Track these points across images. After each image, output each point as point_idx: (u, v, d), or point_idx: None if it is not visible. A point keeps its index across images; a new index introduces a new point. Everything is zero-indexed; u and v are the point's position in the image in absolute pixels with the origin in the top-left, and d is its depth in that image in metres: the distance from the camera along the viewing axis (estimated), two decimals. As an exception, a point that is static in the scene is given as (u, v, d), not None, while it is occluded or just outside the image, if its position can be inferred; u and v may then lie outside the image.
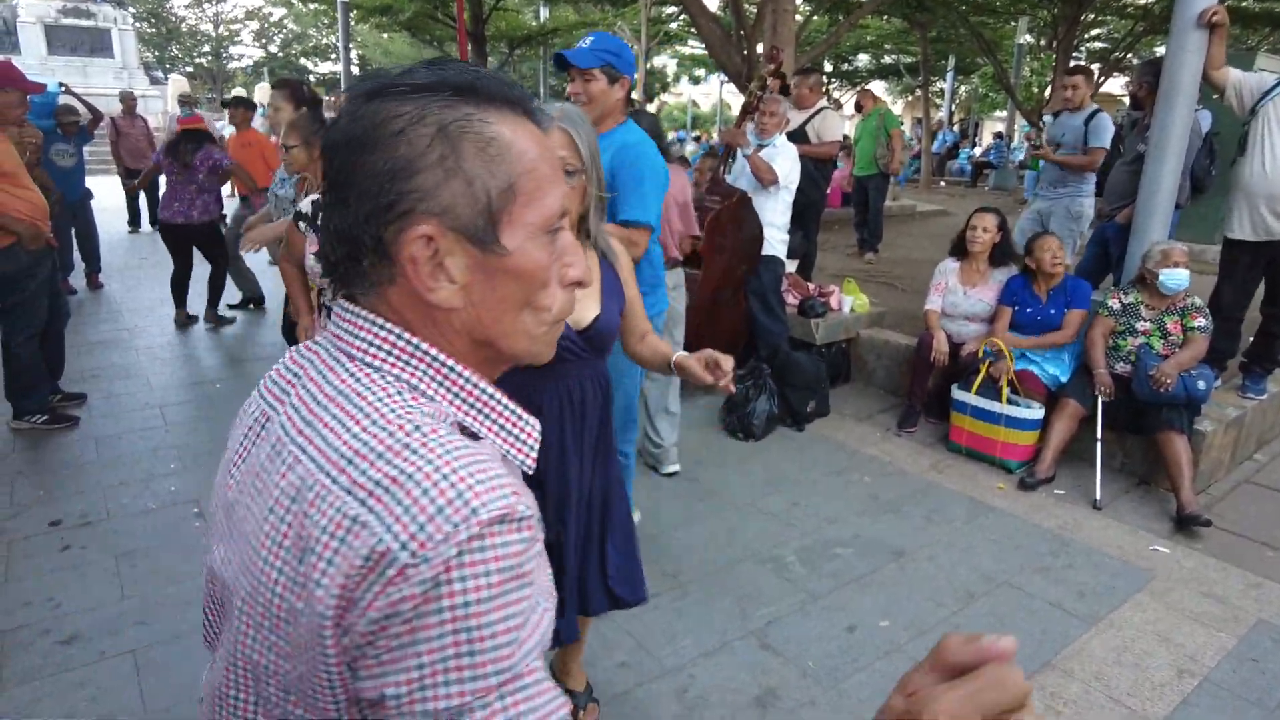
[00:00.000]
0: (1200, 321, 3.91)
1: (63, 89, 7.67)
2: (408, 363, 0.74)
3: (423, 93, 0.70)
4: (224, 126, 14.42)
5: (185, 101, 12.85)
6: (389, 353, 0.74)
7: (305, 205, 2.85)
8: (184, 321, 6.28)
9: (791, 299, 5.27)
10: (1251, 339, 4.52)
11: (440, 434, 0.68)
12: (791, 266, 5.50)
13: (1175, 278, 3.92)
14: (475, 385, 0.77)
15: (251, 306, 6.87)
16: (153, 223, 9.81)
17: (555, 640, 1.99)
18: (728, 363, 1.82)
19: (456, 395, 0.76)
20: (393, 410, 0.69)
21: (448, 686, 0.61)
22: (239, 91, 18.79)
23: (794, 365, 4.62)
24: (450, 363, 0.75)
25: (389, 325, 0.74)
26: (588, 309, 1.84)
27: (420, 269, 0.71)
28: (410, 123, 0.69)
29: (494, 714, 0.62)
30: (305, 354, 0.80)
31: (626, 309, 1.97)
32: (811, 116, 6.21)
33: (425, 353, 0.74)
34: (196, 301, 6.36)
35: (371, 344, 0.74)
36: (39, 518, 3.42)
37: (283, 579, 0.67)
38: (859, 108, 8.75)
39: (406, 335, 0.74)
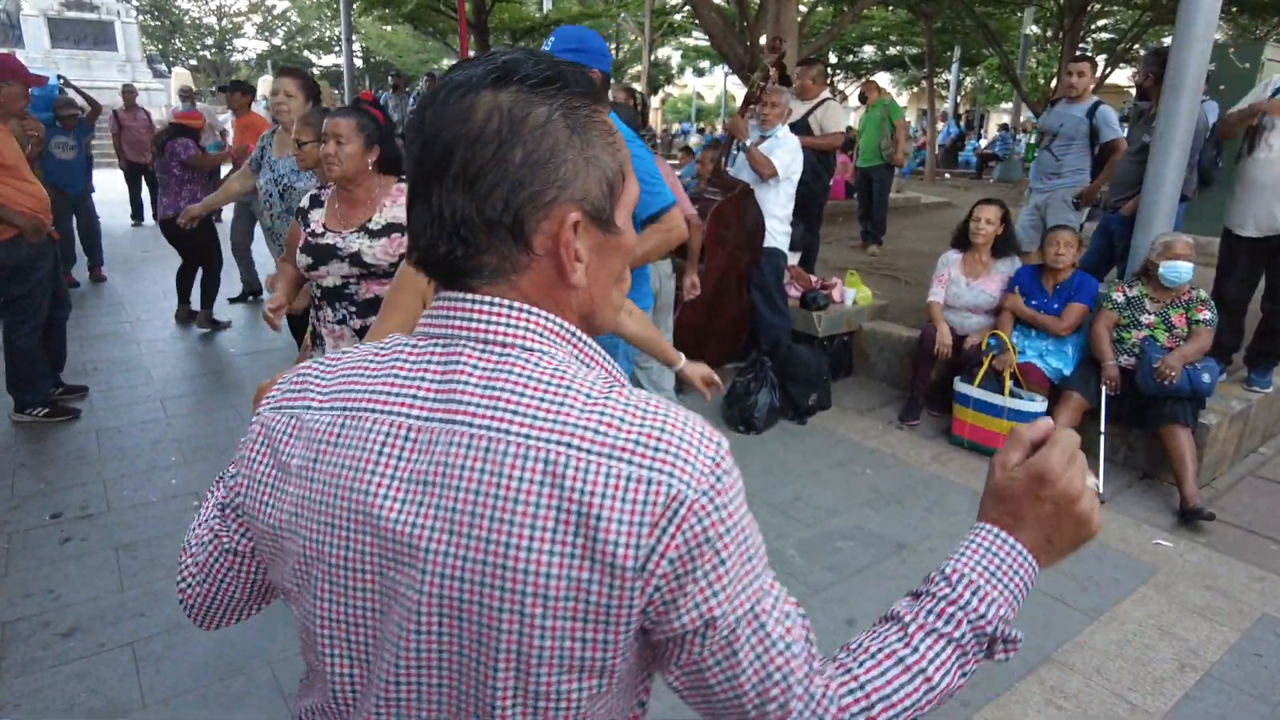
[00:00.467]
0: (1205, 315, 3.89)
1: (61, 81, 7.66)
2: (557, 343, 0.76)
3: (546, 86, 0.73)
4: (226, 119, 14.41)
5: (186, 96, 12.79)
6: (541, 334, 0.75)
7: (304, 200, 2.81)
8: (184, 317, 6.23)
9: (793, 291, 5.25)
10: (1255, 332, 4.49)
11: (641, 394, 0.74)
12: (794, 259, 5.48)
13: (1175, 270, 3.89)
14: (606, 359, 0.81)
15: (250, 298, 6.85)
16: (154, 216, 9.81)
17: None
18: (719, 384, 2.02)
19: (602, 368, 0.79)
20: (592, 382, 0.72)
21: (748, 589, 0.72)
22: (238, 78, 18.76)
23: (796, 358, 4.61)
24: (588, 340, 0.79)
25: (535, 310, 0.75)
26: None
27: (569, 252, 0.74)
28: (550, 116, 0.72)
29: (776, 597, 0.75)
30: (409, 357, 0.76)
31: None
32: (814, 107, 6.17)
33: (571, 332, 0.78)
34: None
35: (521, 328, 0.75)
36: (40, 510, 3.43)
37: (556, 559, 0.67)
38: (863, 99, 8.70)
39: (553, 317, 0.76)
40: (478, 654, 0.71)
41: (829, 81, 9.19)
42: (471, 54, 13.46)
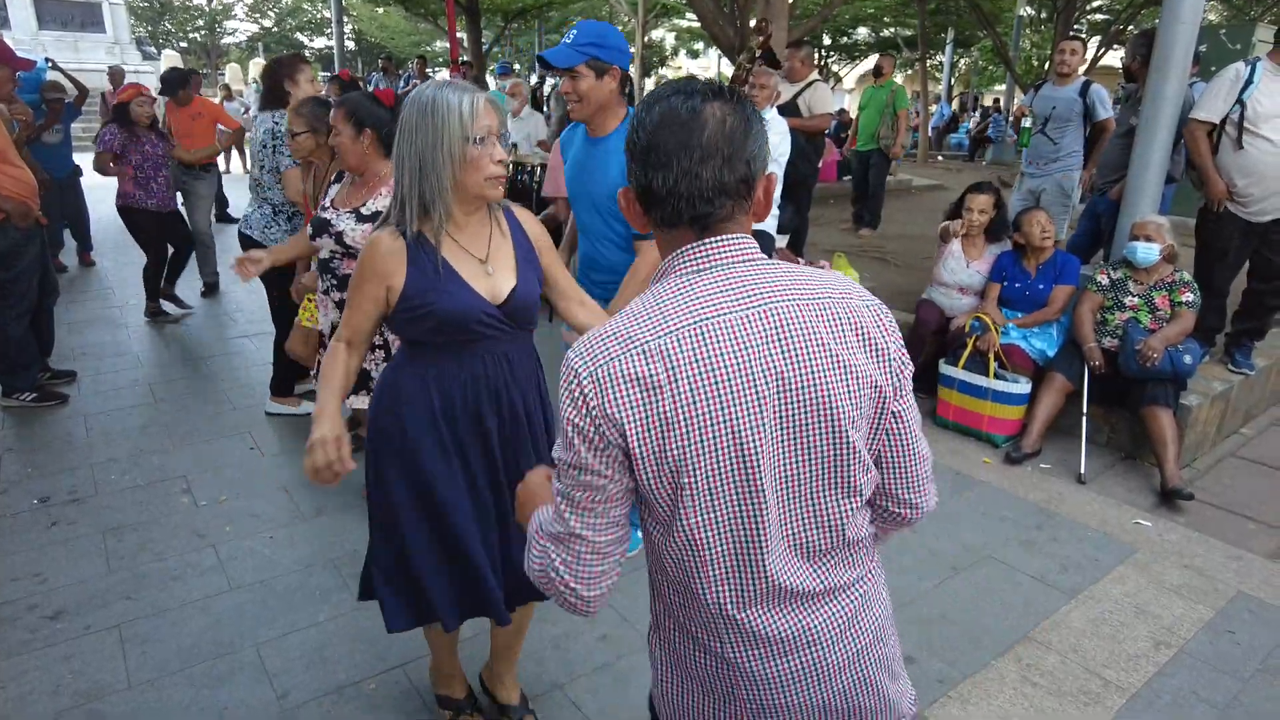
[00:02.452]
0: (1188, 296, 3.91)
1: (49, 64, 7.59)
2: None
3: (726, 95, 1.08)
4: (230, 103, 14.30)
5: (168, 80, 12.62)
6: (758, 250, 1.10)
7: (347, 222, 2.81)
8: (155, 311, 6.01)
9: (782, 274, 5.25)
10: (1235, 313, 4.51)
11: None
12: (782, 242, 5.48)
13: (1132, 250, 3.92)
14: None
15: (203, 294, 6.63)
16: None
17: (471, 611, 2.00)
18: None
19: None
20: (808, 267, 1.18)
21: (909, 368, 1.15)
22: (174, 62, 18.37)
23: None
24: None
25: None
26: (503, 281, 1.82)
27: (769, 198, 1.11)
28: (751, 115, 1.07)
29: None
30: (748, 281, 1.06)
31: (549, 277, 1.95)
32: (803, 89, 6.16)
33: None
34: (182, 288, 6.33)
35: (754, 249, 1.09)
36: (28, 494, 3.44)
37: (868, 365, 1.07)
38: (879, 72, 8.41)
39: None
40: (853, 439, 1.09)
41: (818, 64, 9.13)
42: (461, 36, 13.35)
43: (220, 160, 8.19)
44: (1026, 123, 5.60)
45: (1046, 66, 15.64)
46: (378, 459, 1.90)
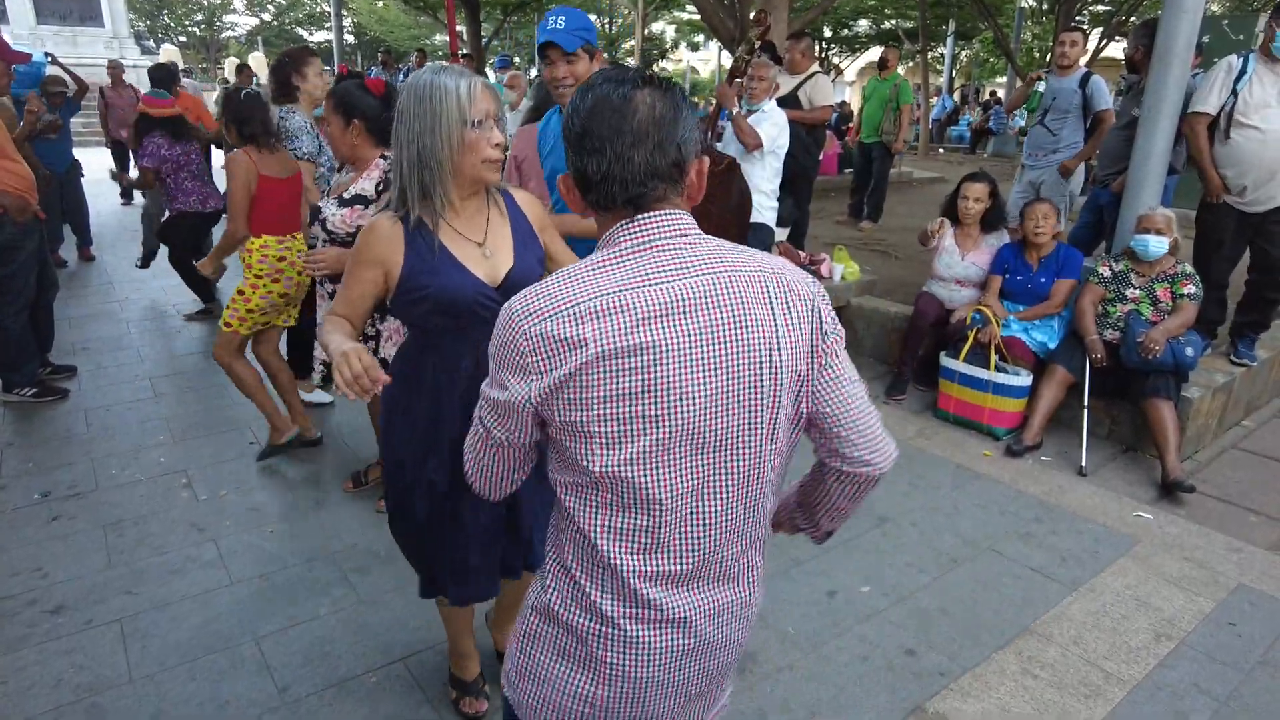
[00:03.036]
0: (1190, 289, 3.90)
1: (49, 59, 7.57)
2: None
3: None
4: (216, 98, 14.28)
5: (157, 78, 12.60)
6: (695, 226, 1.15)
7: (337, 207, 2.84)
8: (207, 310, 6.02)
9: (782, 267, 5.24)
10: (1238, 305, 4.50)
11: None
12: (782, 234, 5.47)
13: (1144, 244, 3.90)
14: None
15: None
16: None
17: (469, 597, 2.05)
18: None
19: None
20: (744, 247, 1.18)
21: (842, 337, 1.20)
22: (171, 57, 18.23)
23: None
24: None
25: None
26: (501, 262, 1.83)
27: (701, 180, 1.15)
28: (681, 101, 1.12)
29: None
30: (681, 253, 1.11)
31: (550, 253, 1.98)
32: (803, 82, 6.13)
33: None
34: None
35: (692, 225, 1.14)
36: (28, 489, 3.44)
37: (794, 336, 1.12)
38: (884, 64, 8.39)
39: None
40: (778, 415, 1.16)
41: (819, 56, 9.09)
42: (460, 30, 13.31)
43: (217, 154, 8.17)
44: (1040, 86, 5.56)
45: (1048, 58, 15.58)
46: (390, 444, 1.94)
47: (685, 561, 1.15)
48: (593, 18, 33.65)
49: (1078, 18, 16.13)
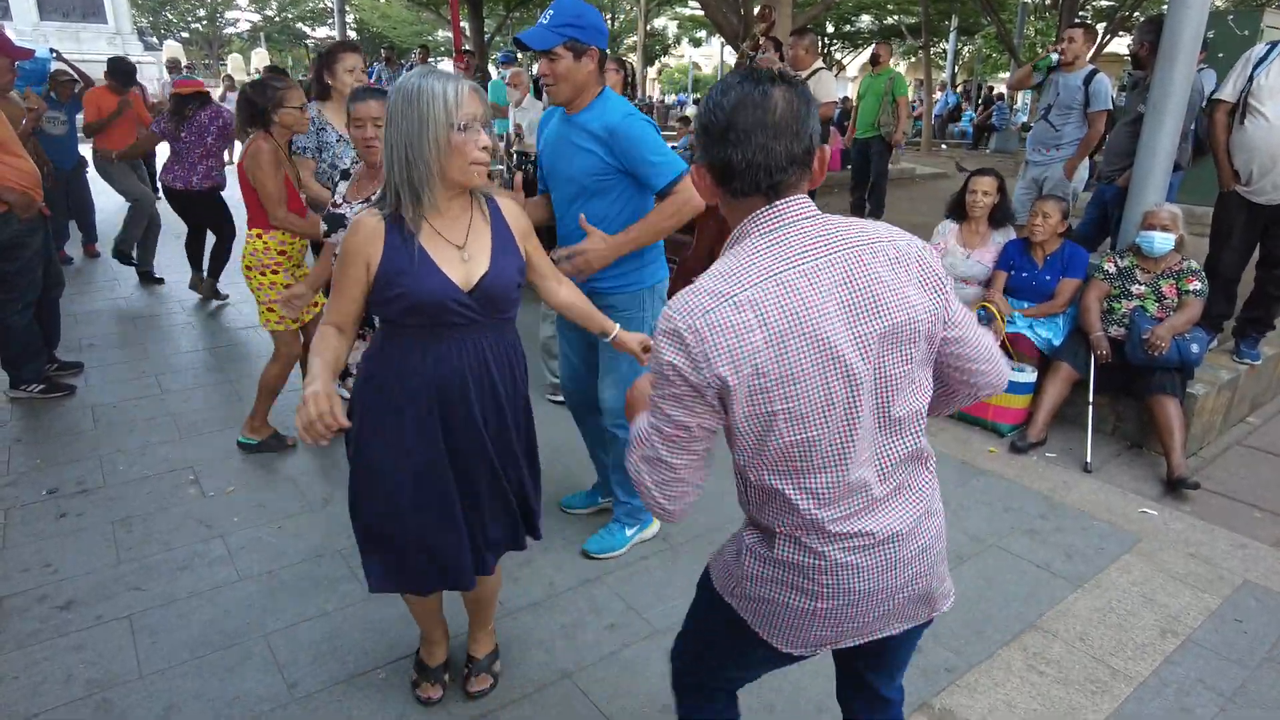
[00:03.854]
0: (1195, 285, 3.90)
1: (54, 55, 7.57)
2: None
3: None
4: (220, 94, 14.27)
5: (174, 68, 12.65)
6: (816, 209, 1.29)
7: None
8: (198, 285, 6.23)
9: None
10: (1245, 302, 4.49)
11: None
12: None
13: (1149, 240, 3.90)
14: None
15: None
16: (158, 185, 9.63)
17: (444, 582, 2.08)
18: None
19: None
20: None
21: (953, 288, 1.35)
22: (174, 53, 18.17)
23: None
24: None
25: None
26: (476, 266, 1.85)
27: (823, 167, 1.29)
28: (809, 97, 1.26)
29: None
30: (815, 235, 1.24)
31: (530, 261, 2.02)
32: (806, 78, 6.13)
33: None
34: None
35: (815, 208, 1.28)
36: (36, 485, 3.46)
37: (920, 294, 1.26)
38: (875, 60, 8.41)
39: None
40: (918, 372, 1.33)
41: (822, 52, 9.08)
42: (463, 26, 13.29)
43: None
44: (1054, 57, 5.53)
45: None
46: (359, 429, 1.95)
47: (865, 496, 1.31)
48: (595, 13, 33.64)
49: (1081, 13, 16.08)
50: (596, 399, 2.96)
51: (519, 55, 10.60)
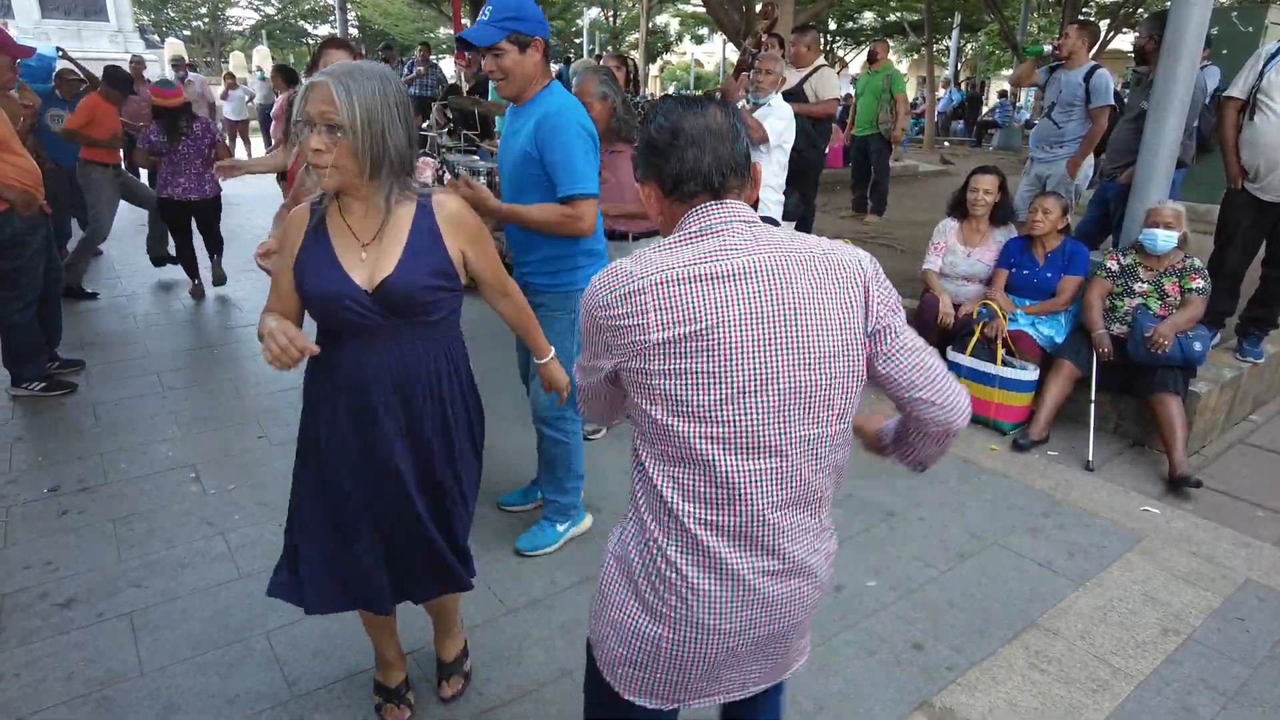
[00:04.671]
0: (1199, 283, 3.88)
1: (60, 54, 7.57)
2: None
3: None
4: (223, 92, 14.27)
5: (179, 66, 12.62)
6: (754, 214, 1.31)
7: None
8: (199, 293, 6.26)
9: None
10: (1249, 300, 4.48)
11: None
12: (788, 228, 5.45)
13: (1152, 238, 3.89)
14: None
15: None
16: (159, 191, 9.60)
17: (354, 603, 2.01)
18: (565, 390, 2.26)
19: None
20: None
21: (898, 311, 1.32)
22: (176, 51, 18.11)
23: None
24: None
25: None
26: (379, 267, 1.75)
27: (757, 183, 1.37)
28: (736, 118, 1.33)
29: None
30: (737, 234, 1.27)
31: (472, 269, 1.90)
32: (809, 75, 6.11)
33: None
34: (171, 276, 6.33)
35: (751, 214, 1.31)
36: (38, 483, 3.46)
37: (846, 309, 1.26)
38: (873, 58, 8.43)
39: None
40: (838, 389, 1.31)
41: (824, 49, 9.07)
42: (465, 23, 13.29)
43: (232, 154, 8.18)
44: (1046, 48, 5.54)
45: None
46: (300, 442, 1.94)
47: (742, 515, 1.27)
48: (596, 10, 33.39)
49: (1085, 9, 16.04)
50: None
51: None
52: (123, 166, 6.51)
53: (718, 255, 1.23)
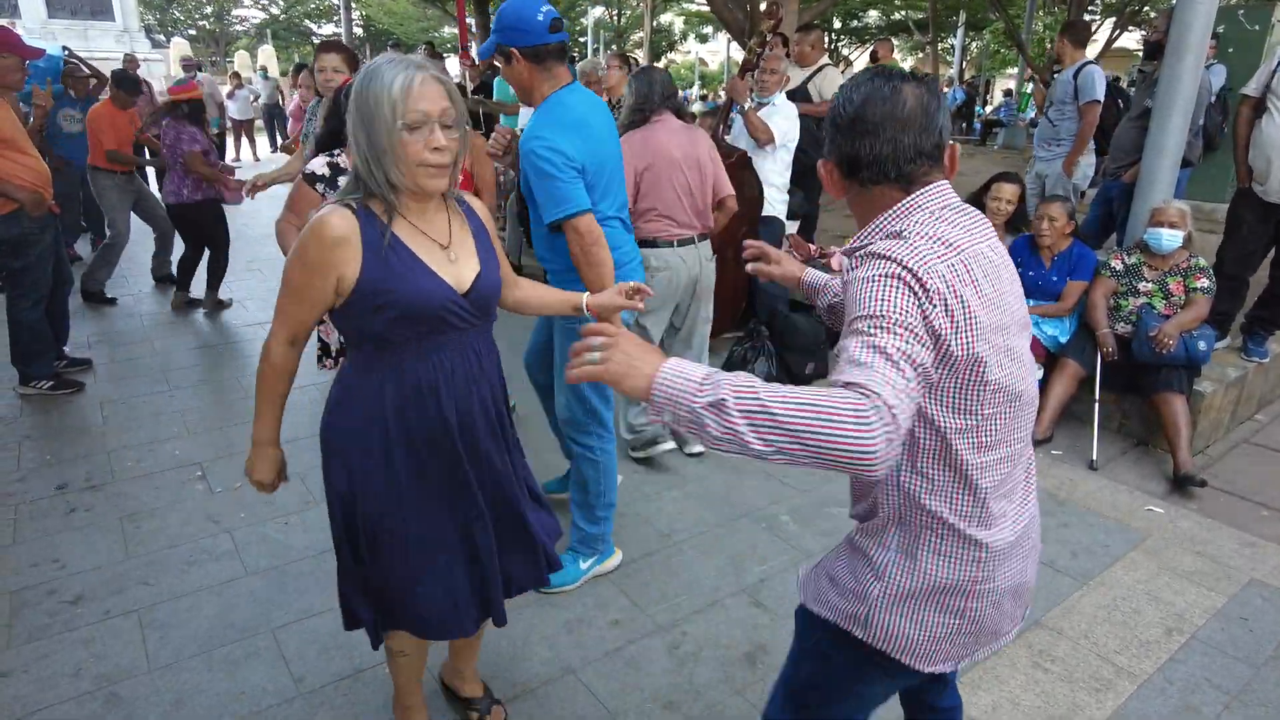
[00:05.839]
0: (1203, 282, 3.88)
1: (67, 53, 7.61)
2: None
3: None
4: (225, 90, 14.30)
5: (189, 66, 12.64)
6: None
7: (321, 167, 2.71)
8: (180, 305, 5.98)
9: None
10: (1255, 299, 4.47)
11: None
12: (792, 227, 5.46)
13: (1157, 237, 3.88)
14: None
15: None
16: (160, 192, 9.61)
17: (451, 631, 1.88)
18: (644, 289, 2.00)
19: None
20: None
21: None
22: (182, 52, 17.98)
23: (793, 327, 4.62)
24: None
25: None
26: (466, 269, 1.71)
27: (954, 163, 1.36)
28: (939, 93, 1.33)
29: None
30: (972, 217, 1.32)
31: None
32: (813, 74, 6.11)
33: None
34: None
35: (953, 192, 1.37)
36: (46, 481, 3.48)
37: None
38: (874, 58, 8.47)
39: None
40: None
41: (828, 48, 9.08)
42: (469, 21, 13.29)
43: (230, 149, 8.18)
44: (1028, 88, 5.58)
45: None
46: (342, 473, 1.76)
47: (1014, 477, 1.34)
48: (600, 9, 33.34)
49: (1090, 8, 16.00)
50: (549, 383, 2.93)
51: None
52: (135, 174, 6.31)
53: (971, 234, 1.29)
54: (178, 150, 5.47)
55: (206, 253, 5.95)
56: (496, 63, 2.49)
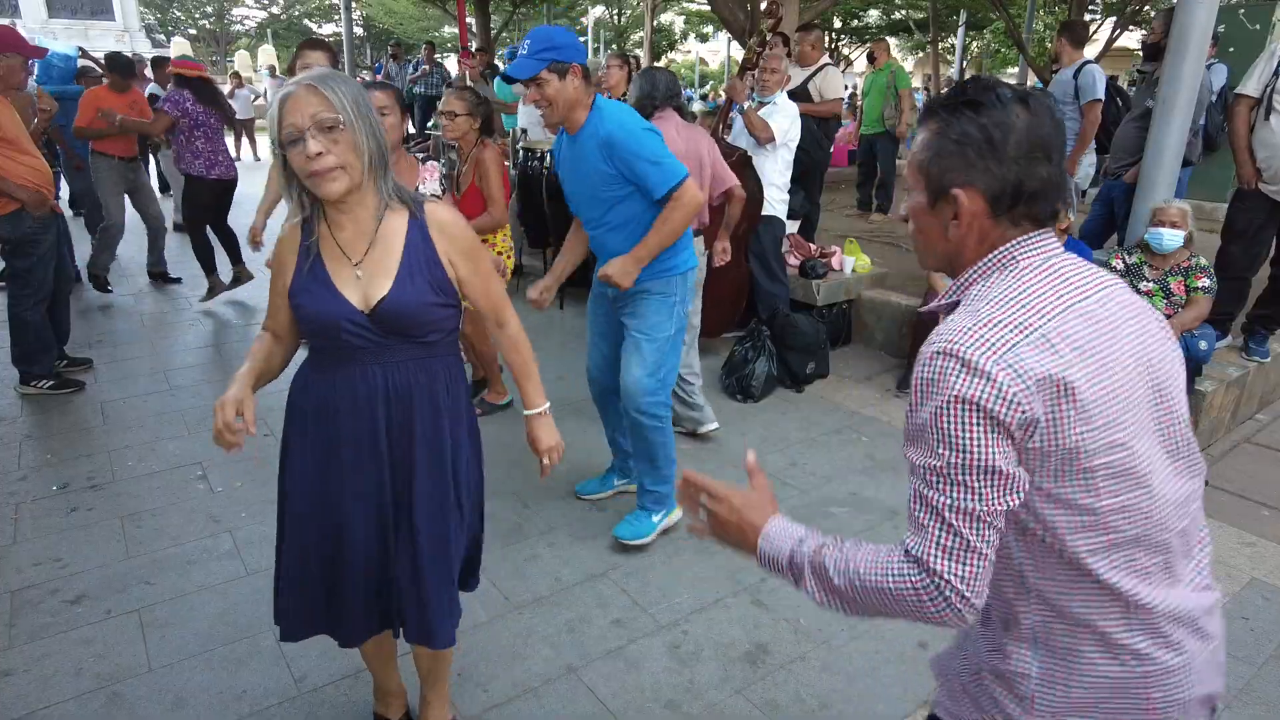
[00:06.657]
0: (1204, 282, 3.88)
1: (80, 53, 7.63)
2: None
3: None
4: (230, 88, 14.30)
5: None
6: None
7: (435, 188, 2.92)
8: (217, 291, 6.04)
9: (793, 260, 5.24)
10: (1256, 299, 4.47)
11: None
12: (793, 227, 5.47)
13: (1158, 237, 3.88)
14: None
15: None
16: (162, 188, 9.61)
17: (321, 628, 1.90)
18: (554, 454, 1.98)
19: None
20: None
21: None
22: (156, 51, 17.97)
23: (793, 327, 4.62)
24: None
25: None
26: (375, 286, 1.65)
27: None
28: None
29: None
30: (1081, 268, 1.11)
31: (467, 292, 1.79)
32: (814, 74, 6.12)
33: None
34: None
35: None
36: (47, 480, 3.48)
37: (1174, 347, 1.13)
38: (871, 59, 8.50)
39: None
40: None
41: (829, 48, 9.09)
42: (470, 22, 13.30)
43: (230, 147, 8.19)
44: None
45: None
46: (282, 472, 1.85)
47: (1174, 567, 1.09)
48: (600, 9, 33.33)
49: (1090, 7, 15.98)
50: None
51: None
52: (139, 163, 6.32)
53: (1080, 292, 1.09)
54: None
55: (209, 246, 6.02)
56: (537, 84, 2.59)
